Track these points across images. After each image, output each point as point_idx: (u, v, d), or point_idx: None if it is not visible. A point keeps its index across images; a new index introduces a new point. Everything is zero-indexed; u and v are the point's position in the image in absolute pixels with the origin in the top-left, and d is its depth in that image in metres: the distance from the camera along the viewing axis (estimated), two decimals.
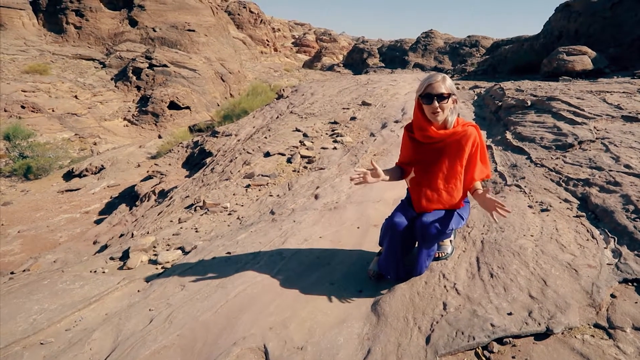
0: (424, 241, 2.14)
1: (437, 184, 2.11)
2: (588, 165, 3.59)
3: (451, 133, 2.02)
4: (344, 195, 4.02)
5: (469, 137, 2.02)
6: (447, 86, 1.94)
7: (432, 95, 1.93)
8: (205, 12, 32.08)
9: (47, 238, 7.87)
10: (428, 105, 1.96)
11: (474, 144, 2.05)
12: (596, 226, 2.56)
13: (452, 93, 1.96)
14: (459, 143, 2.03)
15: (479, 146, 2.07)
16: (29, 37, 26.76)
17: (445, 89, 1.93)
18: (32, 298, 2.43)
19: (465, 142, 2.02)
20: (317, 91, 12.05)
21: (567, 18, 16.46)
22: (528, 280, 2.05)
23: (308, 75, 39.94)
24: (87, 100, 22.48)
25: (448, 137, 2.03)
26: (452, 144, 2.04)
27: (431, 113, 1.97)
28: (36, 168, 13.38)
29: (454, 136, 2.02)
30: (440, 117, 1.97)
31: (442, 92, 1.92)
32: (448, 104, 1.96)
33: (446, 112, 1.98)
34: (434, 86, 1.93)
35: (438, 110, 1.94)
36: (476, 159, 2.08)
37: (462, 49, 33.94)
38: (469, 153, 2.05)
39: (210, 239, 3.45)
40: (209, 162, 7.85)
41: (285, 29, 64.40)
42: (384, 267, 2.28)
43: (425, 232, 2.10)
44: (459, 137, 2.02)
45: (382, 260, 2.29)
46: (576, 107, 5.53)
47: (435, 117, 1.97)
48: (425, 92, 1.95)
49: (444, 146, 2.05)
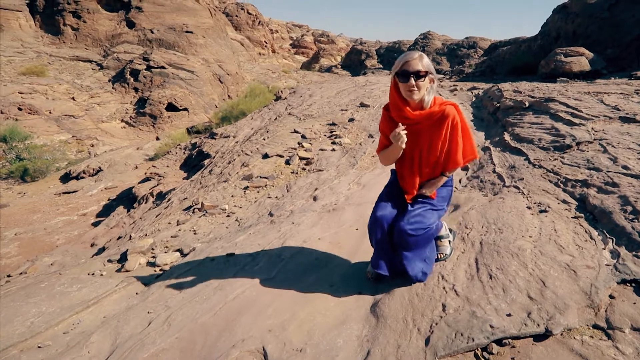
0: (403, 248, 2.12)
1: (421, 167, 2.08)
2: (586, 166, 3.60)
3: (428, 114, 1.95)
4: (342, 197, 4.02)
5: (447, 116, 1.95)
6: (424, 64, 1.86)
7: (409, 73, 1.85)
8: (203, 14, 32.09)
9: (44, 240, 7.83)
10: (404, 84, 1.88)
11: (453, 123, 1.97)
12: (594, 227, 2.57)
13: (429, 71, 1.88)
14: (437, 123, 1.96)
15: (458, 125, 2.00)
16: (26, 38, 26.68)
17: (423, 67, 1.85)
18: (29, 301, 2.42)
19: (443, 122, 1.95)
20: (315, 93, 12.06)
21: (565, 19, 16.53)
22: (527, 281, 2.05)
23: (306, 76, 39.97)
24: (84, 102, 22.42)
25: (425, 118, 1.96)
26: (429, 125, 1.97)
27: (407, 91, 1.89)
28: (33, 170, 13.33)
29: (432, 117, 1.95)
30: (417, 95, 1.90)
31: (419, 70, 1.84)
32: (425, 82, 1.88)
33: (422, 90, 1.90)
34: (410, 63, 1.85)
35: (414, 88, 1.87)
36: (457, 140, 2.01)
37: (460, 51, 34.03)
38: (449, 133, 1.99)
39: (208, 241, 3.44)
40: (207, 164, 7.83)
41: (283, 30, 64.45)
42: (375, 262, 2.25)
43: (402, 240, 2.08)
44: (437, 118, 1.95)
45: (373, 257, 2.26)
46: (574, 108, 5.55)
47: (412, 95, 1.89)
48: (401, 70, 1.87)
49: (421, 128, 1.99)
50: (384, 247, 2.19)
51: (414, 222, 2.08)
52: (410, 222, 2.07)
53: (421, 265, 2.20)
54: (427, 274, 2.23)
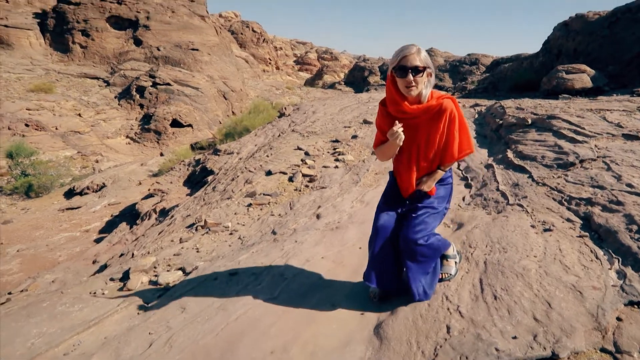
0: (408, 257, 2.12)
1: (419, 162, 2.05)
2: (590, 184, 3.59)
3: (425, 108, 1.92)
4: (345, 215, 4.01)
5: (445, 110, 1.93)
6: (422, 58, 1.82)
7: (407, 68, 1.81)
8: (209, 32, 32.72)
9: (46, 257, 7.83)
10: (402, 79, 1.84)
11: (451, 117, 1.96)
12: (600, 246, 2.54)
13: (427, 66, 1.85)
14: (435, 117, 1.94)
15: (456, 119, 1.98)
16: (36, 56, 27.25)
17: (421, 62, 1.81)
18: (30, 321, 2.41)
19: (441, 116, 1.94)
20: (319, 109, 12.16)
21: (566, 37, 16.72)
22: (532, 302, 2.02)
23: (310, 93, 40.39)
24: (90, 118, 22.71)
25: (423, 112, 1.93)
26: (427, 119, 1.95)
27: (405, 87, 1.85)
28: (37, 186, 13.42)
29: (429, 110, 1.93)
30: (415, 91, 1.86)
31: (417, 65, 1.80)
32: (423, 77, 1.84)
33: (421, 86, 1.86)
34: (408, 58, 1.81)
35: (412, 84, 1.83)
36: (454, 133, 1.99)
37: (462, 67, 34.36)
38: (447, 127, 1.98)
39: (211, 260, 3.43)
40: (211, 181, 7.87)
41: (287, 47, 65.48)
42: (367, 274, 2.24)
43: (408, 248, 2.08)
44: (435, 112, 1.93)
45: (366, 269, 2.24)
46: (577, 126, 5.56)
47: (409, 91, 1.86)
48: (399, 65, 1.83)
49: (419, 122, 1.97)
50: (380, 259, 2.17)
51: (419, 231, 2.07)
52: (415, 230, 2.07)
53: (423, 281, 2.18)
54: (428, 293, 2.20)
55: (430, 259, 2.16)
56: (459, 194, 4.42)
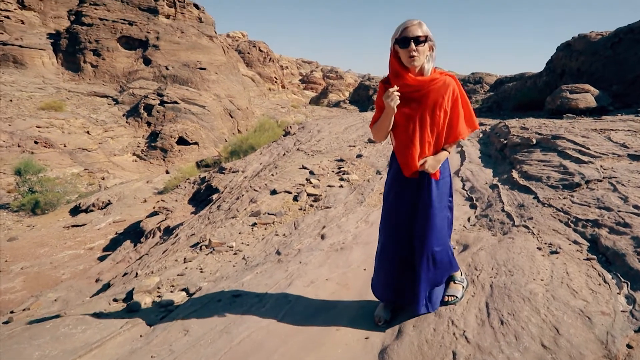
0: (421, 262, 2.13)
1: (422, 137, 2.00)
2: (596, 205, 3.56)
3: (429, 80, 1.92)
4: (350, 236, 4.00)
5: (448, 85, 1.94)
6: (423, 30, 1.85)
7: (409, 39, 1.83)
8: (216, 51, 33.40)
9: (49, 275, 7.83)
10: (404, 50, 1.86)
11: (454, 94, 1.97)
12: (608, 270, 2.51)
13: (428, 37, 1.87)
14: (438, 91, 1.94)
15: (459, 97, 1.99)
16: (48, 75, 27.90)
17: (422, 32, 1.84)
18: (33, 343, 2.39)
19: (445, 90, 1.94)
20: (324, 128, 12.27)
21: (569, 57, 16.87)
22: (540, 328, 1.99)
23: (315, 111, 40.80)
24: (98, 135, 23.05)
25: (426, 84, 1.92)
26: (431, 92, 1.93)
27: (407, 57, 1.87)
28: (44, 203, 13.53)
29: (433, 83, 1.92)
30: (417, 62, 1.87)
31: (418, 35, 1.83)
32: (425, 48, 1.87)
33: (423, 57, 1.88)
34: (410, 29, 1.84)
35: (414, 54, 1.85)
36: (458, 111, 2.00)
37: (466, 86, 34.60)
38: (451, 103, 1.97)
39: (215, 280, 3.41)
40: (215, 199, 7.90)
41: (293, 66, 66.56)
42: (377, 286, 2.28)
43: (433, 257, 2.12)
44: (438, 85, 1.93)
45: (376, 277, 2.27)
46: (581, 146, 5.55)
47: (412, 61, 1.87)
48: (401, 36, 1.85)
49: (423, 95, 1.95)
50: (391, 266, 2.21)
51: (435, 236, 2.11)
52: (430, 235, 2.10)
53: (428, 291, 2.20)
54: (428, 308, 2.21)
55: (442, 269, 2.19)
56: (464, 215, 4.39)
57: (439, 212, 2.12)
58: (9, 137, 18.78)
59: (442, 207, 2.15)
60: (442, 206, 2.15)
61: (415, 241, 2.14)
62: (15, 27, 30.04)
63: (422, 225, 2.11)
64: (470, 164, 6.74)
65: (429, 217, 2.10)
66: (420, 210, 2.11)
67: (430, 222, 2.10)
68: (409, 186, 2.11)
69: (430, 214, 2.10)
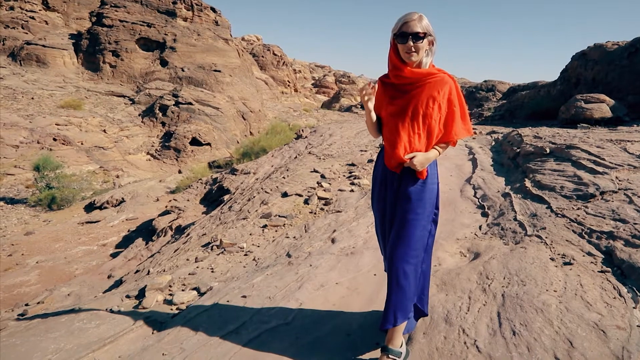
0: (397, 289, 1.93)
1: (413, 129, 1.93)
2: (611, 217, 3.50)
3: (426, 73, 1.89)
4: (360, 240, 4.00)
5: (445, 83, 1.90)
6: (423, 25, 1.82)
7: (407, 34, 1.81)
8: (231, 54, 33.78)
9: (63, 270, 7.98)
10: (402, 45, 1.84)
11: (450, 93, 1.92)
12: (623, 283, 2.47)
13: (428, 33, 1.84)
14: (434, 86, 1.89)
15: (456, 98, 1.93)
16: (68, 74, 28.56)
17: (421, 28, 1.81)
18: (49, 336, 2.45)
19: (441, 86, 1.90)
20: (335, 132, 12.29)
21: (584, 66, 16.65)
22: (553, 340, 1.97)
23: (326, 115, 40.87)
24: (114, 134, 23.47)
25: (423, 78, 1.89)
26: (427, 85, 1.89)
27: (405, 52, 1.85)
28: (60, 199, 13.80)
29: (429, 77, 1.89)
30: (415, 57, 1.86)
31: (417, 32, 1.80)
32: (423, 44, 1.84)
33: (421, 53, 1.86)
34: (409, 25, 1.81)
35: (413, 50, 1.83)
36: (454, 111, 1.94)
37: (479, 93, 34.33)
38: (446, 102, 1.92)
39: (225, 280, 3.45)
40: (227, 200, 7.96)
41: (306, 70, 66.90)
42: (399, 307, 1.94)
43: (398, 276, 1.92)
44: (435, 80, 1.89)
45: None
46: (596, 156, 5.47)
47: (410, 57, 1.85)
48: (400, 31, 1.83)
49: (418, 87, 1.91)
50: None
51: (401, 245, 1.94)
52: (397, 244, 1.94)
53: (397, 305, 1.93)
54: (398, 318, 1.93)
55: (405, 296, 1.94)
56: (475, 222, 4.36)
57: (418, 222, 1.94)
58: (29, 133, 19.24)
59: (425, 217, 1.97)
60: (424, 215, 1.96)
61: (387, 249, 2.01)
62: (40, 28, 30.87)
63: (396, 232, 1.96)
64: (482, 172, 6.69)
65: (405, 224, 1.94)
66: (398, 215, 1.98)
67: (405, 230, 1.93)
68: (392, 184, 2.02)
69: (409, 219, 1.94)
